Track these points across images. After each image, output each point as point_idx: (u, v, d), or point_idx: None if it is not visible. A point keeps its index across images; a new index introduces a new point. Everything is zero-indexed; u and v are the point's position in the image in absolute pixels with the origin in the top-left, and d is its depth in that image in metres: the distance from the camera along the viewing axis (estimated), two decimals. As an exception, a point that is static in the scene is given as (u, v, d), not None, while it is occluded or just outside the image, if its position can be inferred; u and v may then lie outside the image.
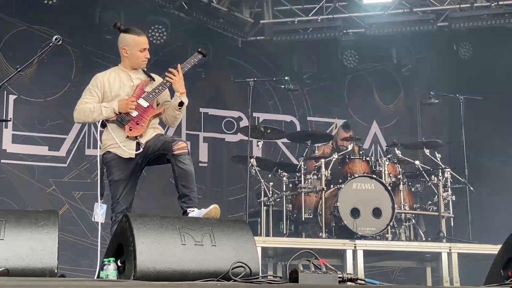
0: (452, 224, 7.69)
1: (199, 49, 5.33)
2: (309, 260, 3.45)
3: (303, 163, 7.63)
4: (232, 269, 3.51)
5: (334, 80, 10.77)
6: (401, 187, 7.55)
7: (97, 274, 4.13)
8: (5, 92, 8.49)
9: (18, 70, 4.95)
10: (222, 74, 10.11)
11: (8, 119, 8.64)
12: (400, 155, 7.77)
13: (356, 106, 10.77)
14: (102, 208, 4.91)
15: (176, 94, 5.06)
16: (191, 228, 3.71)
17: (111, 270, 3.48)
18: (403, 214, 7.58)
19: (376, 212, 7.19)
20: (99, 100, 5.03)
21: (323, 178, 7.35)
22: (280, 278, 3.54)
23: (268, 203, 7.62)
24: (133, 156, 4.94)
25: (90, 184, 8.67)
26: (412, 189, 7.79)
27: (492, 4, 9.35)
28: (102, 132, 5.06)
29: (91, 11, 8.86)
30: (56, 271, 3.39)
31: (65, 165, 9.09)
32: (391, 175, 7.55)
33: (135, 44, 5.10)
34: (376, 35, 9.82)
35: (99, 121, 4.98)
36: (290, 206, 7.71)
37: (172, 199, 5.09)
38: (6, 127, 8.77)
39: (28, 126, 8.96)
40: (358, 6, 9.70)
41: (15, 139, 8.86)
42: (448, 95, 8.46)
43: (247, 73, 9.77)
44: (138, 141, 4.94)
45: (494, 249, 6.26)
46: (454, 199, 7.64)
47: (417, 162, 7.82)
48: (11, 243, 3.38)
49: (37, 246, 3.40)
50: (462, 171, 7.88)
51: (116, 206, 4.98)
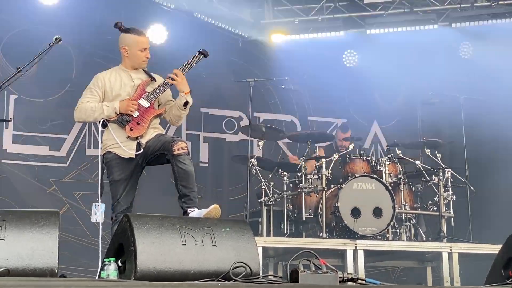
0: (452, 224, 7.68)
1: (201, 49, 5.35)
2: (309, 260, 3.45)
3: (303, 163, 7.64)
4: (233, 269, 3.51)
5: (335, 80, 10.76)
6: (401, 187, 7.54)
7: (97, 274, 4.13)
8: (5, 92, 8.48)
9: (19, 70, 4.96)
10: (223, 74, 10.09)
11: (9, 119, 8.62)
12: (401, 155, 7.76)
13: (356, 106, 10.76)
14: (100, 208, 4.91)
15: (181, 94, 5.06)
16: (192, 228, 3.71)
17: (111, 270, 3.48)
18: (403, 214, 7.58)
19: (377, 212, 7.18)
20: (100, 99, 5.04)
21: (324, 178, 7.35)
22: (281, 278, 3.54)
23: (269, 203, 7.62)
24: (133, 156, 4.94)
25: (90, 184, 8.66)
26: (413, 189, 7.78)
27: (493, 4, 9.34)
28: (102, 132, 5.06)
29: (92, 11, 8.86)
30: (56, 271, 3.39)
31: (65, 165, 9.08)
32: (391, 175, 7.55)
33: (135, 44, 5.11)
34: (376, 35, 9.82)
35: (100, 121, 4.98)
36: (291, 206, 7.70)
37: (173, 199, 5.09)
38: (7, 127, 8.76)
39: (29, 126, 8.95)
40: (359, 6, 9.69)
41: (16, 139, 8.85)
42: (449, 94, 8.45)
43: (248, 73, 9.75)
44: (138, 141, 4.94)
45: (494, 249, 6.25)
46: (455, 199, 7.63)
47: (417, 162, 7.81)
48: (11, 243, 3.39)
49: (37, 246, 3.41)
50: (462, 171, 7.88)
51: (117, 206, 4.98)
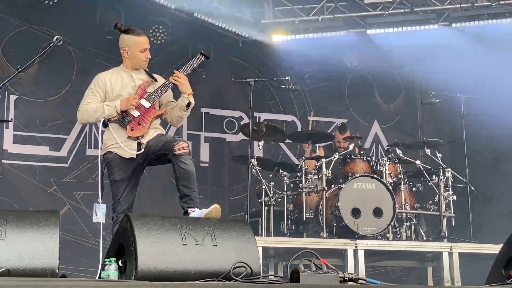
0: (453, 224, 7.68)
1: (202, 51, 5.35)
2: (310, 260, 3.45)
3: (303, 163, 7.64)
4: (233, 269, 3.50)
5: (335, 79, 10.76)
6: (402, 186, 7.54)
7: (98, 274, 4.13)
8: (6, 92, 8.49)
9: (19, 70, 4.95)
10: (223, 74, 10.11)
11: (9, 119, 8.63)
12: (401, 155, 7.76)
13: (357, 106, 10.77)
14: (102, 208, 4.92)
15: (183, 95, 5.07)
16: (192, 228, 3.71)
17: (112, 270, 3.48)
18: (404, 214, 7.58)
19: (377, 212, 7.18)
20: (101, 100, 5.04)
21: (324, 178, 7.35)
22: (281, 278, 3.54)
23: (269, 203, 7.62)
24: (134, 156, 4.94)
25: (91, 184, 8.67)
26: (413, 188, 7.78)
27: (493, 4, 9.35)
28: (103, 132, 5.07)
29: (92, 11, 8.87)
30: (57, 271, 3.39)
31: (66, 165, 9.09)
32: (392, 174, 7.55)
33: (135, 45, 5.11)
34: (377, 35, 9.82)
35: (101, 120, 4.98)
36: (291, 206, 7.71)
37: (173, 199, 5.10)
38: (7, 127, 8.77)
39: (29, 126, 8.96)
40: (359, 6, 9.69)
41: (16, 140, 8.86)
42: (449, 94, 8.45)
43: (248, 73, 9.77)
44: (139, 141, 4.94)
45: (495, 248, 6.25)
46: (455, 199, 7.63)
47: (418, 162, 7.82)
48: (12, 244, 3.38)
49: (38, 246, 3.40)
50: (463, 170, 7.88)
51: (117, 206, 4.98)
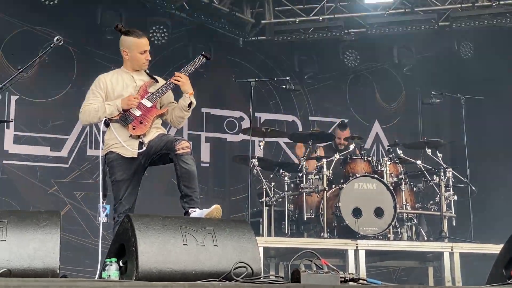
0: (454, 224, 7.68)
1: (203, 52, 5.36)
2: (311, 260, 3.45)
3: (304, 163, 7.64)
4: (234, 269, 3.50)
5: (336, 80, 10.77)
6: (402, 187, 7.53)
7: (98, 274, 4.13)
8: (6, 92, 8.49)
9: (20, 70, 4.96)
10: (224, 74, 10.11)
11: (10, 119, 8.63)
12: (402, 155, 7.76)
13: (357, 106, 10.77)
14: (106, 209, 4.92)
15: (184, 95, 5.09)
16: (193, 228, 3.71)
17: (113, 270, 3.48)
18: (405, 214, 7.57)
19: (378, 212, 7.18)
20: (103, 100, 5.06)
21: (325, 178, 7.34)
22: (282, 278, 3.54)
23: (270, 203, 7.62)
24: (135, 156, 4.94)
25: (92, 185, 8.67)
26: (414, 188, 7.77)
27: (493, 4, 9.35)
28: (104, 132, 5.07)
29: (92, 11, 8.87)
30: (58, 271, 3.39)
31: (67, 165, 9.09)
32: (392, 175, 7.55)
33: (135, 46, 5.12)
34: (377, 35, 9.83)
35: (103, 120, 4.99)
36: (292, 206, 7.70)
37: (174, 199, 5.10)
38: (8, 127, 8.77)
39: (30, 126, 8.95)
40: (359, 6, 9.71)
41: (17, 140, 8.86)
42: (450, 94, 8.46)
43: (249, 73, 9.77)
44: (141, 140, 4.95)
45: (496, 248, 6.25)
46: (456, 199, 7.63)
47: (418, 162, 7.82)
48: (13, 244, 3.38)
49: (39, 247, 3.40)
50: (463, 170, 7.87)
51: (119, 207, 4.98)
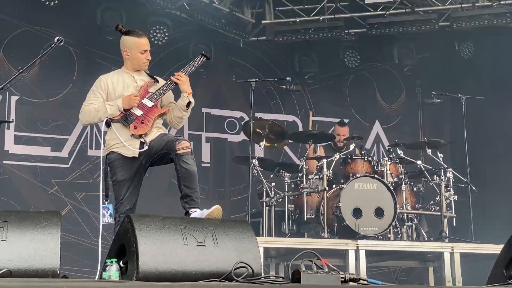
0: (454, 224, 7.68)
1: (203, 52, 5.37)
2: (311, 260, 3.45)
3: (304, 163, 7.63)
4: (234, 269, 3.51)
5: (336, 80, 10.76)
6: (403, 187, 7.53)
7: (99, 275, 4.14)
8: (7, 93, 8.48)
9: (20, 71, 4.97)
10: (224, 75, 10.11)
11: (10, 120, 8.63)
12: (402, 155, 7.76)
13: (358, 106, 10.77)
14: (109, 209, 4.92)
15: (183, 95, 5.10)
16: (193, 228, 3.71)
17: (113, 271, 3.48)
18: (405, 214, 7.57)
19: (378, 212, 7.18)
20: (103, 101, 5.06)
21: (325, 178, 7.34)
22: (282, 278, 3.54)
23: (270, 204, 7.63)
24: (136, 155, 4.95)
25: (92, 185, 8.68)
26: (414, 189, 7.77)
27: (494, 4, 9.34)
28: (105, 132, 5.07)
29: (93, 12, 8.86)
30: (58, 272, 3.39)
31: (67, 165, 9.09)
32: (393, 175, 7.55)
33: (135, 46, 5.13)
34: (377, 35, 9.82)
35: (104, 120, 4.99)
36: (292, 206, 7.70)
37: (175, 200, 5.10)
38: (8, 128, 8.77)
39: (30, 127, 8.96)
40: (360, 6, 9.69)
41: (17, 140, 8.86)
42: (450, 94, 8.45)
43: (249, 73, 9.77)
44: (142, 139, 4.95)
45: (496, 248, 6.25)
46: (456, 199, 7.62)
47: (419, 162, 7.81)
48: (13, 244, 3.38)
49: (39, 247, 3.41)
50: (464, 170, 7.87)
51: (120, 207, 4.99)
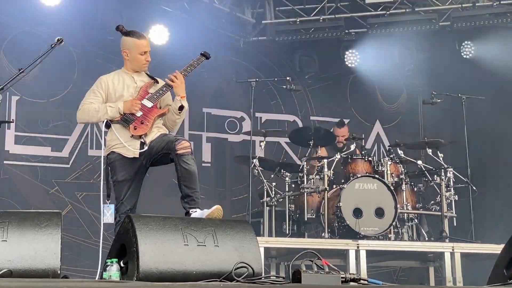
0: (454, 224, 7.67)
1: (203, 52, 5.36)
2: (311, 260, 3.45)
3: (305, 163, 7.63)
4: (235, 269, 3.51)
5: (337, 80, 10.76)
6: (403, 187, 7.53)
7: (99, 275, 4.14)
8: (7, 93, 8.48)
9: (21, 71, 4.97)
10: (224, 75, 10.11)
11: (11, 120, 8.63)
12: (403, 155, 7.76)
13: (358, 106, 10.77)
14: (110, 209, 4.92)
15: (176, 98, 5.09)
16: (194, 228, 3.71)
17: (114, 271, 3.48)
18: (405, 214, 7.57)
19: (379, 212, 7.18)
20: (103, 101, 5.06)
21: (326, 178, 7.34)
22: (283, 278, 3.55)
23: (271, 203, 7.63)
24: (137, 156, 4.95)
25: (93, 185, 8.68)
26: (415, 189, 7.77)
27: (494, 4, 9.34)
28: (106, 133, 5.08)
29: (93, 12, 8.87)
30: (59, 272, 3.40)
31: (68, 166, 9.09)
32: (393, 175, 7.55)
33: (135, 47, 5.13)
34: (378, 35, 9.83)
35: (104, 121, 4.99)
36: (293, 206, 7.70)
37: (175, 200, 5.10)
38: (9, 128, 8.77)
39: (31, 127, 8.96)
40: (360, 6, 9.69)
41: (18, 140, 8.86)
42: (451, 94, 8.44)
43: (249, 73, 9.77)
44: (142, 140, 4.95)
45: (497, 248, 6.26)
46: (457, 199, 7.62)
47: (419, 162, 7.81)
48: (14, 244, 3.39)
49: (40, 247, 3.41)
50: (464, 170, 7.86)
51: (120, 207, 4.99)
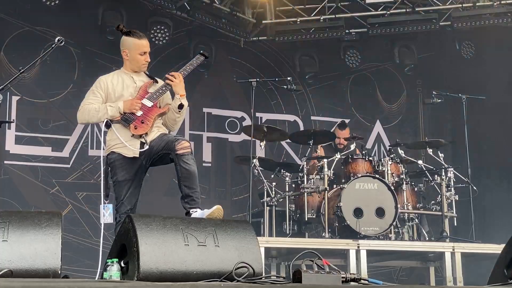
0: (455, 224, 7.68)
1: (201, 51, 5.36)
2: (312, 260, 3.45)
3: (305, 163, 7.63)
4: (235, 269, 3.51)
5: (337, 80, 10.76)
6: (404, 186, 7.53)
7: (99, 275, 4.14)
8: (8, 93, 8.48)
9: (21, 71, 4.96)
10: (225, 74, 10.11)
11: (11, 120, 8.64)
12: (403, 155, 7.76)
13: (359, 106, 10.77)
14: (109, 209, 4.91)
15: (176, 97, 5.08)
16: (194, 228, 3.71)
17: (114, 271, 3.48)
18: (406, 214, 7.57)
19: (379, 212, 7.18)
20: (102, 101, 5.06)
21: (326, 178, 7.34)
22: (283, 278, 3.54)
23: (271, 203, 7.62)
24: (137, 155, 4.95)
25: (93, 185, 8.68)
26: (415, 188, 7.77)
27: (494, 4, 9.35)
28: (106, 132, 5.07)
29: (93, 12, 8.88)
30: (59, 272, 3.40)
31: (68, 165, 9.10)
32: (394, 175, 7.55)
33: (135, 47, 5.13)
34: (378, 35, 9.83)
35: (104, 121, 4.99)
36: (293, 206, 7.70)
37: (175, 200, 5.10)
38: (9, 128, 8.77)
39: (31, 127, 8.96)
40: (361, 6, 9.70)
41: (18, 140, 8.86)
42: (451, 94, 8.44)
43: (250, 73, 9.78)
44: (143, 139, 4.95)
45: (497, 248, 6.26)
46: (457, 199, 7.62)
47: (420, 162, 7.82)
48: (14, 244, 3.39)
49: (40, 247, 3.41)
50: (465, 170, 7.87)
51: (121, 207, 4.99)
